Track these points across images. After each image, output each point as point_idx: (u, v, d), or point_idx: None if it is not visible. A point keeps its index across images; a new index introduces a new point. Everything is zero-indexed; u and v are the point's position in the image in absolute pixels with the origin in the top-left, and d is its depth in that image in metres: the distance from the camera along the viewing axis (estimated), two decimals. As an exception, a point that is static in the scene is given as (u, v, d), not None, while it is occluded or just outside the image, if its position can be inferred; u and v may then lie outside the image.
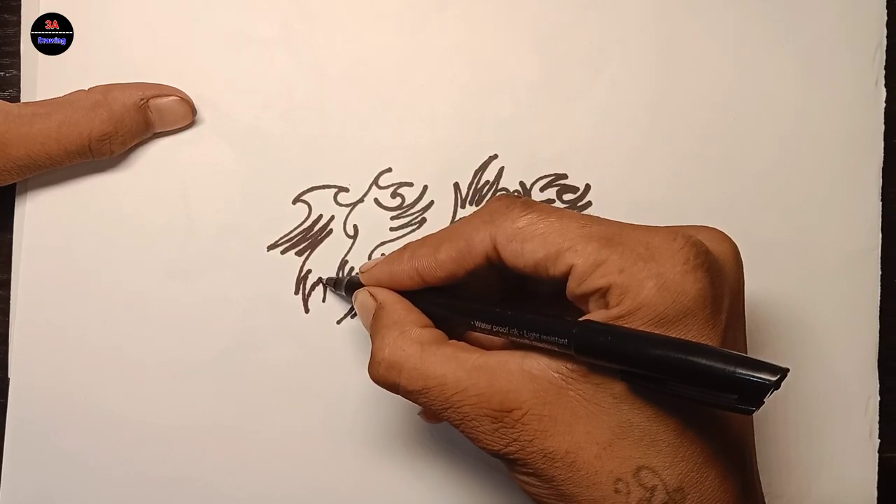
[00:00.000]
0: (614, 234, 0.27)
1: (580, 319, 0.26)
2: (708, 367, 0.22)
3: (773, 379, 0.21)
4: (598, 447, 0.26)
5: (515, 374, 0.27)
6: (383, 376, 0.29)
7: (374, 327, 0.31)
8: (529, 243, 0.28)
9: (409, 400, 0.29)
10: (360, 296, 0.32)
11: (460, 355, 0.28)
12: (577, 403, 0.26)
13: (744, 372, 0.22)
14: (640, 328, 0.25)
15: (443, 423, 0.30)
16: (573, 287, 0.27)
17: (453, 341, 0.30)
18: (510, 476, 0.29)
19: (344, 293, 0.36)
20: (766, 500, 0.29)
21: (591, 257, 0.26)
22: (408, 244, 0.32)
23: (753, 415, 0.25)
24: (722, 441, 0.26)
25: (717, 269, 0.26)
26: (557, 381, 0.26)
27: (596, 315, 0.26)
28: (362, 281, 0.33)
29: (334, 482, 0.37)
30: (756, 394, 0.22)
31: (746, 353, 0.24)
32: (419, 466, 0.37)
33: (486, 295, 0.33)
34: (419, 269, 0.31)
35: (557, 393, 0.26)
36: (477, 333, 0.31)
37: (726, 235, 0.29)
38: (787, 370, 0.22)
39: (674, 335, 0.25)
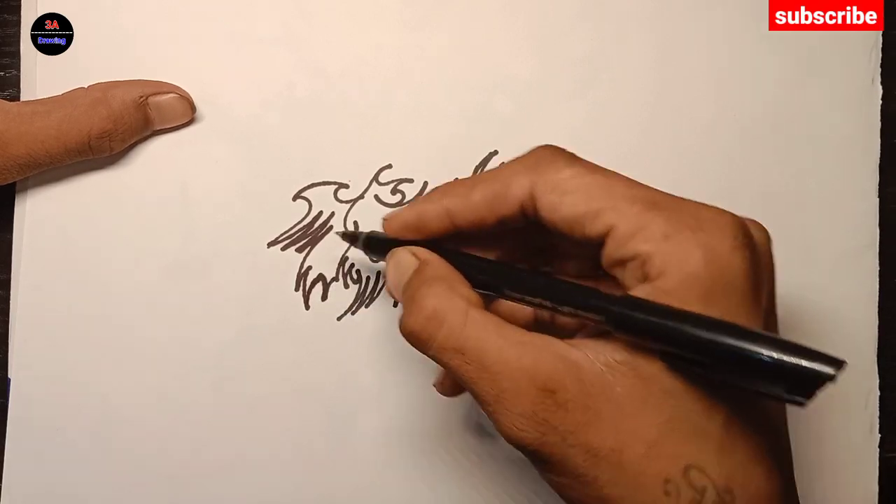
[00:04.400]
0: (661, 199, 0.25)
1: (622, 294, 0.24)
2: (761, 355, 0.21)
3: (832, 372, 0.20)
4: (644, 446, 0.23)
5: (560, 360, 0.24)
6: (421, 326, 0.26)
7: (415, 282, 0.27)
8: (570, 196, 0.26)
9: (438, 361, 0.26)
10: (399, 254, 0.29)
11: (505, 326, 0.25)
12: (624, 399, 0.24)
13: (799, 362, 0.20)
14: (684, 302, 0.23)
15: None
16: (610, 250, 0.25)
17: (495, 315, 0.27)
18: (543, 478, 0.26)
19: (362, 248, 0.33)
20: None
21: (634, 220, 0.24)
22: (439, 186, 0.29)
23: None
24: (767, 439, 0.25)
25: (758, 253, 0.25)
26: (604, 374, 0.24)
27: (638, 291, 0.24)
28: (385, 228, 0.30)
29: (334, 480, 0.37)
30: (811, 386, 0.20)
31: None
32: (420, 463, 0.37)
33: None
34: (450, 208, 0.28)
35: (603, 387, 0.24)
36: (508, 306, 0.29)
37: (763, 226, 0.27)
38: (845, 362, 0.20)
39: (716, 312, 0.23)
